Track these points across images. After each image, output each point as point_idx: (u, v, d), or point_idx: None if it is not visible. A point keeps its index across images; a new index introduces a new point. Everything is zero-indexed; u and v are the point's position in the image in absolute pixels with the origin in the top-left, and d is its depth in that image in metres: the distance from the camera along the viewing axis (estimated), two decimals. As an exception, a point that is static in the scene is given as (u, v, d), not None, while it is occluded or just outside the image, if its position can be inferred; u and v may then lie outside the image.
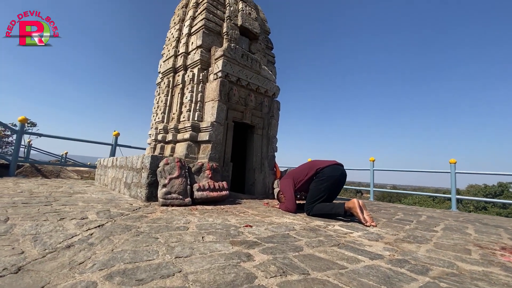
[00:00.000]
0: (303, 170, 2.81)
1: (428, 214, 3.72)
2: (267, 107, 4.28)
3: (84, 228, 1.56)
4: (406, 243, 1.78)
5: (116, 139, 6.23)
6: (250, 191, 4.01)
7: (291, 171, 3.02)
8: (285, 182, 2.90)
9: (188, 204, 2.70)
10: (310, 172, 2.72)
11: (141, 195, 2.78)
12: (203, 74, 3.77)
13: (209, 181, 3.01)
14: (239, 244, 1.44)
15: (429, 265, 1.33)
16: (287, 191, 2.83)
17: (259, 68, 4.12)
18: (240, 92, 3.88)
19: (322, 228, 2.11)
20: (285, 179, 2.96)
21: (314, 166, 2.72)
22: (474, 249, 1.76)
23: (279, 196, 3.09)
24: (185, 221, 1.94)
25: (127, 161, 3.37)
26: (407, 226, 2.50)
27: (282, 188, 2.92)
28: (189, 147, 3.50)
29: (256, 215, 2.51)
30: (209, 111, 3.58)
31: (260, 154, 4.13)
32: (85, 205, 2.33)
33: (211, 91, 3.62)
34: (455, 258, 1.51)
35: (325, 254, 1.38)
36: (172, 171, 2.77)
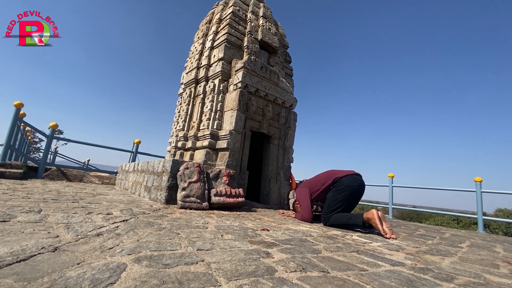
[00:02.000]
0: (320, 180, 2.80)
1: (452, 233, 3.54)
2: (284, 118, 4.34)
3: (110, 221, 1.64)
4: (429, 255, 1.72)
5: (137, 146, 6.48)
6: (265, 201, 4.00)
7: (307, 180, 3.01)
8: (301, 191, 2.89)
9: (206, 208, 2.75)
10: (328, 181, 2.70)
11: (161, 197, 2.86)
12: (223, 85, 3.92)
13: (226, 187, 3.06)
14: (257, 244, 1.46)
15: (454, 275, 1.28)
16: (303, 200, 2.81)
17: (277, 80, 4.23)
18: (258, 103, 3.98)
19: (340, 237, 2.08)
20: (301, 188, 2.95)
21: (332, 175, 2.71)
22: (503, 265, 1.66)
23: (295, 206, 3.07)
24: (203, 222, 1.99)
25: (149, 166, 3.50)
26: (430, 241, 2.40)
27: (298, 197, 2.90)
28: (207, 154, 3.59)
29: (272, 222, 2.51)
30: (228, 120, 3.69)
31: (276, 164, 4.15)
32: (109, 204, 2.44)
33: (231, 100, 3.75)
34: (482, 270, 1.44)
35: (344, 258, 1.37)
36: (191, 175, 2.85)
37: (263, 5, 4.90)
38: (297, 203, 3.00)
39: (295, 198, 3.91)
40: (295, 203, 3.08)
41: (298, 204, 2.93)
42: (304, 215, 2.75)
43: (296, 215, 2.91)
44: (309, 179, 3.02)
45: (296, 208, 3.03)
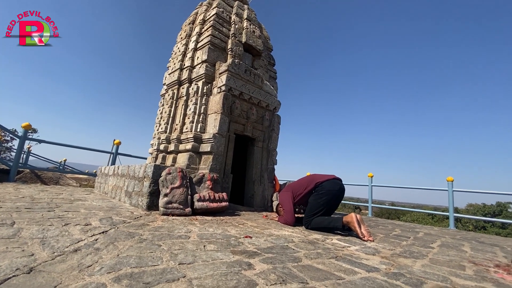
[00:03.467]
0: (302, 184, 2.87)
1: (425, 231, 3.74)
2: (268, 120, 4.38)
3: (88, 233, 1.60)
4: (403, 258, 1.82)
5: (117, 147, 6.29)
6: (249, 203, 4.04)
7: (290, 184, 3.07)
8: (284, 195, 2.95)
9: (188, 214, 2.73)
10: (310, 186, 2.77)
11: (142, 203, 2.81)
12: (207, 88, 3.89)
13: (210, 192, 3.05)
14: (239, 254, 1.48)
15: (423, 279, 1.37)
16: (286, 204, 2.87)
17: (261, 83, 4.25)
18: (242, 106, 3.99)
19: (321, 242, 2.14)
20: (284, 192, 3.01)
21: (314, 180, 2.78)
22: (469, 266, 1.79)
23: (278, 209, 3.13)
24: (186, 230, 1.98)
25: (129, 170, 3.41)
26: (404, 242, 2.53)
27: (281, 201, 2.96)
28: (190, 157, 3.56)
29: (255, 226, 2.54)
30: (212, 123, 3.67)
31: (260, 167, 4.19)
32: (87, 212, 2.37)
33: (215, 103, 3.73)
34: (449, 273, 1.54)
35: (323, 266, 1.42)
36: (173, 180, 2.82)
37: (247, 7, 4.90)
38: (280, 206, 3.05)
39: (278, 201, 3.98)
40: (278, 206, 3.14)
41: (281, 207, 2.98)
42: (287, 218, 2.81)
43: (279, 218, 2.97)
44: (291, 183, 3.08)
45: (279, 211, 3.08)
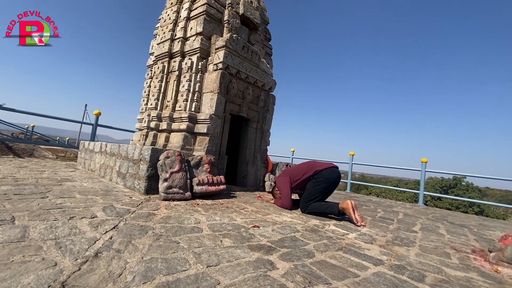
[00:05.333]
0: (301, 170, 2.94)
1: (403, 211, 4.10)
2: (263, 101, 4.29)
3: (100, 230, 1.55)
4: (397, 246, 2.00)
5: (97, 119, 5.89)
6: (242, 183, 4.10)
7: (288, 169, 3.13)
8: (282, 180, 3.01)
9: (188, 198, 2.72)
10: (309, 172, 2.85)
11: (139, 187, 2.74)
12: (202, 63, 3.65)
13: (208, 175, 3.04)
14: (257, 250, 1.54)
15: (422, 271, 1.53)
16: (283, 188, 2.95)
17: (258, 61, 4.07)
18: (238, 85, 3.83)
19: (321, 228, 2.28)
20: (282, 176, 3.07)
21: (313, 167, 2.85)
22: (452, 253, 2.02)
23: (275, 192, 3.21)
24: (195, 221, 1.99)
25: (121, 150, 3.25)
26: (391, 226, 2.77)
27: (279, 185, 3.03)
28: (185, 138, 3.45)
29: (255, 212, 2.61)
30: (208, 103, 3.52)
31: (254, 148, 4.19)
32: (84, 198, 2.27)
33: (210, 82, 3.55)
34: (440, 262, 1.74)
35: (336, 261, 1.52)
36: (172, 165, 2.74)
37: (244, -28, 4.47)
38: (276, 189, 3.13)
39: (272, 182, 4.08)
40: (274, 188, 3.22)
41: (278, 191, 3.07)
42: (284, 203, 2.91)
43: (276, 201, 3.07)
44: (289, 168, 3.14)
45: (276, 194, 3.17)
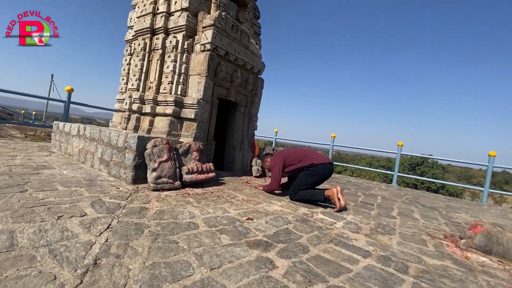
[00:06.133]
0: (297, 156, 2.93)
1: (380, 194, 4.37)
2: (252, 84, 4.17)
3: (93, 231, 1.49)
4: (380, 235, 2.15)
5: (70, 95, 5.43)
6: (229, 168, 4.10)
7: (284, 152, 3.10)
8: (276, 161, 2.98)
9: (178, 187, 2.69)
10: (304, 162, 2.87)
11: (126, 176, 2.64)
12: (188, 43, 3.41)
13: (197, 163, 2.99)
14: (255, 247, 1.58)
15: (406, 261, 1.67)
16: (275, 170, 2.94)
17: (247, 42, 3.88)
18: (227, 68, 3.67)
19: (310, 218, 2.38)
20: (276, 158, 3.03)
21: (310, 158, 2.87)
22: (428, 239, 2.22)
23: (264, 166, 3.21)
24: (189, 215, 1.98)
25: (102, 135, 3.06)
26: (372, 212, 2.95)
27: (272, 166, 3.00)
28: (171, 123, 3.31)
29: (246, 201, 2.65)
30: (195, 87, 3.36)
31: (241, 132, 4.15)
32: (68, 191, 2.15)
33: (198, 64, 3.35)
34: (419, 251, 1.90)
35: (329, 255, 1.61)
36: (161, 154, 2.65)
37: None
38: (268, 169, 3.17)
39: (258, 167, 4.11)
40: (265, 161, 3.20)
41: (269, 169, 3.09)
42: (272, 184, 2.96)
43: (264, 187, 3.12)
44: (285, 151, 3.12)
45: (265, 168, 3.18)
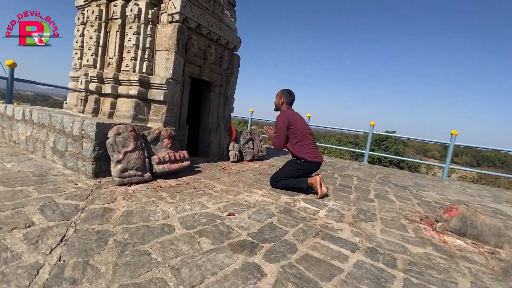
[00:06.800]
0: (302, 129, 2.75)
1: (355, 174, 4.43)
2: (227, 62, 3.82)
3: (42, 247, 1.22)
4: (363, 223, 2.13)
5: (13, 71, 4.61)
6: (205, 153, 3.85)
7: (291, 114, 2.81)
8: (282, 120, 2.77)
9: (148, 179, 2.41)
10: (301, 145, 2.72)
11: (85, 170, 2.30)
12: (152, 12, 2.94)
13: (169, 152, 2.70)
14: (240, 250, 1.43)
15: (392, 253, 1.65)
16: (280, 130, 2.76)
17: (221, 13, 3.47)
18: (199, 43, 3.27)
19: (293, 207, 2.29)
20: (283, 116, 2.80)
21: (307, 146, 2.71)
22: (407, 223, 2.25)
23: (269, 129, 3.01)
24: (162, 214, 1.75)
25: (53, 121, 2.61)
26: (351, 196, 2.96)
27: (277, 124, 2.81)
28: (137, 106, 2.93)
29: (226, 191, 2.48)
30: (163, 64, 2.96)
31: (217, 115, 3.86)
32: (11, 192, 1.79)
33: (165, 37, 2.93)
34: (402, 238, 1.90)
35: (318, 253, 1.53)
36: (126, 142, 2.32)
37: None
38: (271, 128, 2.97)
39: (236, 151, 3.91)
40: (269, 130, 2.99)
41: (274, 129, 2.89)
42: (276, 143, 2.79)
43: (271, 139, 2.89)
44: (293, 112, 2.85)
45: (267, 130, 3.00)
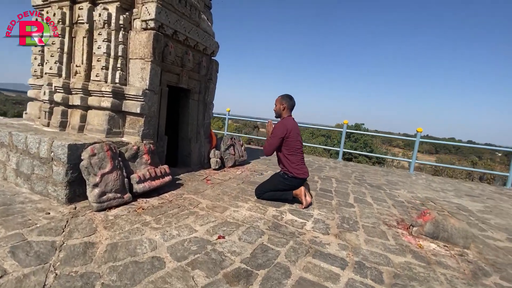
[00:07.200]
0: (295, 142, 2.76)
1: (333, 176, 4.58)
2: (205, 68, 3.70)
3: (19, 304, 1.10)
4: (348, 233, 2.23)
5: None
6: (185, 163, 3.73)
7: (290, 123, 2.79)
8: (280, 129, 2.75)
9: (129, 201, 2.28)
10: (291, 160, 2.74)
11: (57, 195, 2.10)
12: (124, 18, 2.72)
13: (149, 168, 2.57)
14: (235, 282, 1.41)
15: (377, 265, 1.74)
16: (275, 138, 2.75)
17: (198, 18, 3.33)
18: (176, 50, 3.11)
19: (280, 221, 2.32)
20: (282, 125, 2.78)
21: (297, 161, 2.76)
22: (387, 231, 2.39)
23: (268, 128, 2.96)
24: (150, 245, 1.67)
25: (15, 140, 2.34)
26: (333, 201, 3.07)
27: (275, 131, 2.80)
28: (111, 119, 2.73)
29: (212, 208, 2.44)
30: (138, 74, 2.78)
31: (196, 123, 3.74)
32: (-30, 231, 1.58)
33: (140, 45, 2.74)
34: (384, 248, 2.02)
35: (311, 275, 1.56)
36: (102, 164, 2.16)
37: None
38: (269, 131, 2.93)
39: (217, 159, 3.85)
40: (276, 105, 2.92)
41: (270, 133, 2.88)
42: (268, 149, 2.79)
43: (266, 141, 2.90)
44: (293, 123, 2.83)
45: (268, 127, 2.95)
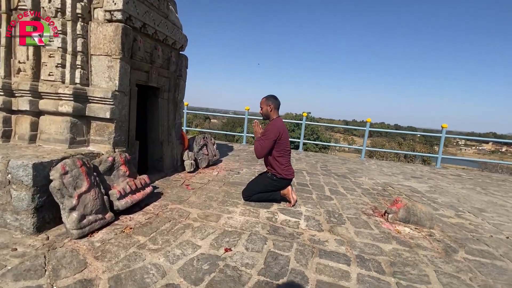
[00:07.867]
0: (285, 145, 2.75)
1: (301, 168, 4.80)
2: (175, 64, 3.40)
3: None
4: (338, 227, 2.38)
5: None
6: (158, 167, 3.44)
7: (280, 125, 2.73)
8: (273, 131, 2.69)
9: (111, 220, 2.01)
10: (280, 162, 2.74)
11: (20, 225, 1.72)
12: (82, 6, 2.29)
13: (129, 181, 2.30)
14: (262, 297, 1.39)
15: (374, 257, 1.92)
16: (267, 141, 2.67)
17: (166, 9, 3.01)
18: (145, 45, 2.77)
19: (276, 222, 2.36)
20: (274, 127, 2.71)
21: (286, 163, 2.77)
22: (366, 219, 2.63)
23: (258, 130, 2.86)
24: (157, 272, 1.51)
25: None
26: (313, 195, 3.24)
27: (267, 133, 2.71)
28: (73, 126, 2.32)
29: (204, 217, 2.33)
30: (104, 73, 2.40)
31: (167, 123, 3.45)
32: None
33: (104, 39, 2.35)
34: (372, 238, 2.22)
35: (325, 276, 1.63)
36: (77, 182, 1.84)
37: None
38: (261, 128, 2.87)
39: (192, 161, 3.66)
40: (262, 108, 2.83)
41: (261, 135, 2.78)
42: (261, 151, 2.72)
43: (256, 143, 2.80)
44: (283, 125, 2.77)
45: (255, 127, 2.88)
